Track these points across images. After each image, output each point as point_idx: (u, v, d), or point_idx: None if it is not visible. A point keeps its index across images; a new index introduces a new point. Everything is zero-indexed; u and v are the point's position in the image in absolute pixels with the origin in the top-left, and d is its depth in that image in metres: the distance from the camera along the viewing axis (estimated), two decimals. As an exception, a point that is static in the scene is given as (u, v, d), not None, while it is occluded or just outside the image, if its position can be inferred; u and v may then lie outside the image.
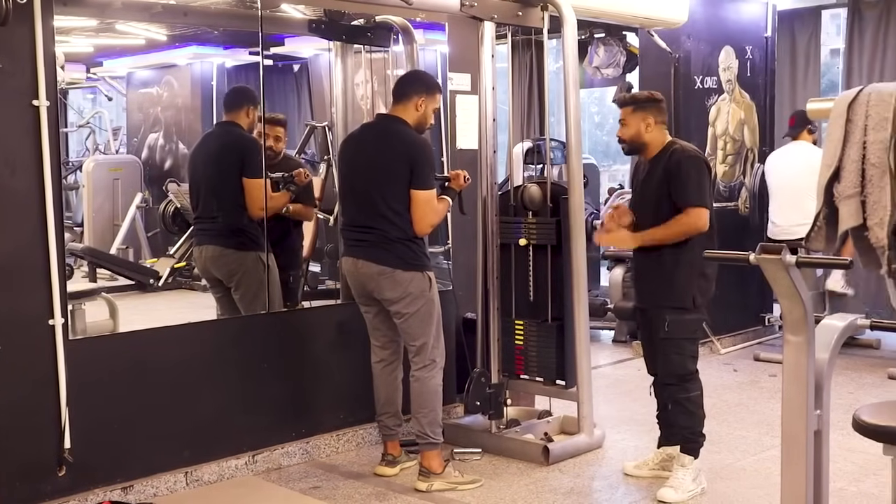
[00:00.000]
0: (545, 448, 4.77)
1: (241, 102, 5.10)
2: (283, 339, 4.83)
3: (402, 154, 4.29)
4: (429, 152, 4.39)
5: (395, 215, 4.28)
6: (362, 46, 5.44)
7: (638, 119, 4.35)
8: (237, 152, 4.95)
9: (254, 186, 4.83)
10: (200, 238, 5.06)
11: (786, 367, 2.68)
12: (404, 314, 4.38)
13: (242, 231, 4.94)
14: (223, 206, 4.97)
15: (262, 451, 4.70)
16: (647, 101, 4.40)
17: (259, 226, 4.92)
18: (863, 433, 2.84)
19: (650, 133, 4.34)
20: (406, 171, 4.26)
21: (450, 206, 4.57)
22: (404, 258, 4.32)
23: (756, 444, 5.06)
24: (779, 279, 2.60)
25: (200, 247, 5.04)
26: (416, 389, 4.46)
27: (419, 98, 4.37)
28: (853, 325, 2.81)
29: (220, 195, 4.97)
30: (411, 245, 4.33)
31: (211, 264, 4.99)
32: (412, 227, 4.30)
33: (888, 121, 2.27)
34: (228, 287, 4.94)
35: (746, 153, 7.60)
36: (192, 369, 4.48)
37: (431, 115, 4.44)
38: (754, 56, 7.60)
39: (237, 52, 6.11)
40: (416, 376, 4.46)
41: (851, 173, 2.34)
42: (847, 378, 6.34)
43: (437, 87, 4.50)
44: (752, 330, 7.65)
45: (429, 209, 4.31)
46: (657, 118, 4.36)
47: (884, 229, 2.27)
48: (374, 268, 4.34)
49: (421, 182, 4.28)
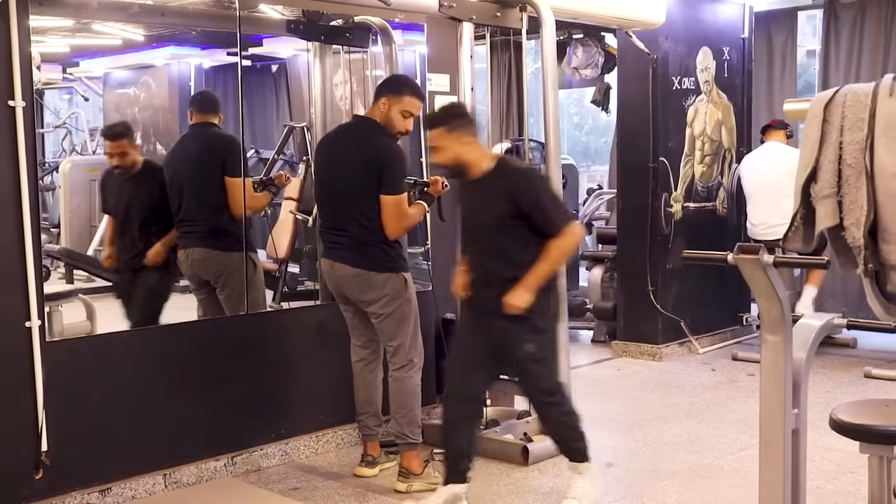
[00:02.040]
0: (524, 448, 4.77)
1: (213, 104, 5.11)
2: (263, 340, 4.81)
3: (371, 158, 4.27)
4: (398, 157, 4.36)
5: (366, 219, 4.28)
6: (341, 47, 5.43)
7: (453, 140, 3.95)
8: (219, 152, 4.93)
9: (237, 185, 4.82)
10: (186, 241, 5.03)
11: (763, 367, 2.70)
12: (380, 315, 4.39)
13: (228, 231, 4.93)
14: (208, 208, 4.95)
15: (242, 453, 4.68)
16: (459, 117, 4.03)
17: (241, 225, 4.91)
18: (840, 432, 2.86)
19: (470, 153, 3.96)
20: (375, 176, 4.24)
21: (426, 211, 4.56)
22: (378, 260, 4.32)
23: (734, 443, 5.09)
24: (756, 279, 2.61)
25: (186, 250, 5.01)
26: (394, 389, 4.46)
27: (383, 99, 4.34)
28: (830, 324, 2.83)
29: (204, 196, 4.94)
30: (385, 247, 4.33)
31: (199, 267, 4.96)
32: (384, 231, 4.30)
33: (864, 121, 2.28)
34: (214, 288, 4.92)
35: (724, 154, 7.64)
36: (170, 371, 4.46)
37: (398, 118, 4.33)
38: (731, 57, 7.64)
39: (215, 53, 6.09)
40: (394, 376, 4.46)
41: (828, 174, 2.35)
42: (824, 377, 6.39)
43: (407, 89, 4.39)
44: (731, 329, 7.69)
45: (398, 214, 4.29)
46: (472, 133, 4.00)
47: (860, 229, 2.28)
48: (350, 270, 4.35)
49: (390, 187, 4.26)
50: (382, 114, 4.33)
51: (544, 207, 3.88)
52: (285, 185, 5.09)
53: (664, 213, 7.07)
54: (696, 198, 7.37)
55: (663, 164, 7.05)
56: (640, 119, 7.05)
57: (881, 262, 2.29)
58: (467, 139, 3.95)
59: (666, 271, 7.10)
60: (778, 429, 2.68)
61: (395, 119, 4.33)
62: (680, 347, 7.26)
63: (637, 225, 7.10)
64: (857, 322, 2.92)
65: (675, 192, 7.16)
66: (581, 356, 7.24)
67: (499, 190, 3.90)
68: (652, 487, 4.47)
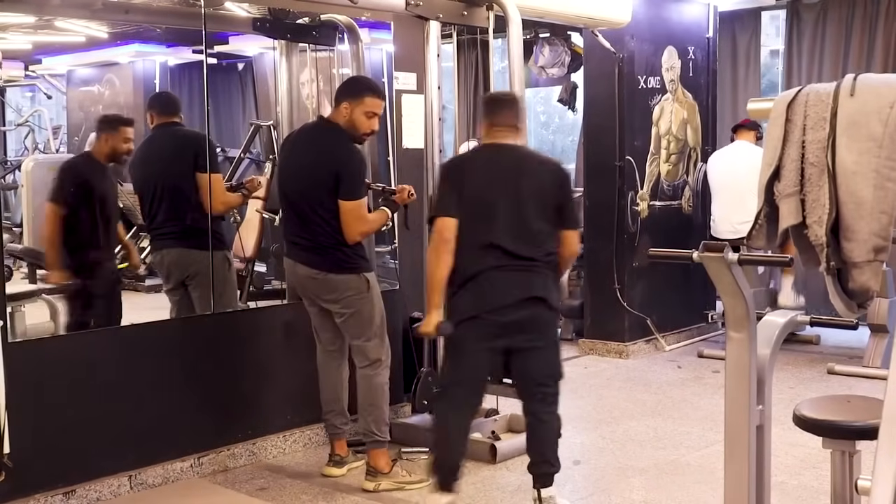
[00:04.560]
0: (492, 446, 4.78)
1: (174, 104, 5.08)
2: (229, 340, 4.79)
3: (329, 163, 4.26)
4: (356, 162, 4.33)
5: (324, 222, 4.27)
6: (307, 45, 5.40)
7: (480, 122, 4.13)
8: (190, 149, 4.88)
9: (212, 182, 4.78)
10: (160, 242, 4.98)
11: (728, 364, 2.72)
12: (343, 314, 4.40)
13: (203, 229, 4.88)
14: (182, 207, 4.90)
15: (208, 453, 4.65)
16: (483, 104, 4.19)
17: (218, 222, 4.89)
18: (803, 427, 2.89)
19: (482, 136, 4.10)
20: (332, 181, 4.23)
21: (388, 218, 4.54)
22: (337, 262, 4.32)
23: (700, 439, 5.13)
24: (721, 276, 2.63)
25: (161, 251, 4.97)
26: (361, 387, 4.46)
27: (344, 104, 4.32)
28: (794, 321, 2.85)
29: (178, 195, 4.89)
30: (344, 249, 4.32)
31: (175, 267, 4.92)
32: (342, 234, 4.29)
33: (826, 120, 2.31)
34: (188, 287, 4.88)
35: (689, 152, 7.70)
36: (135, 371, 4.42)
37: (361, 120, 4.31)
38: (696, 56, 7.70)
39: (180, 51, 6.04)
40: (361, 374, 4.46)
41: (791, 172, 2.37)
42: (788, 373, 6.46)
43: (366, 90, 4.35)
44: (696, 327, 7.76)
45: (355, 219, 4.26)
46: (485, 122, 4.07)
47: (822, 227, 2.30)
48: (309, 271, 4.36)
49: (347, 192, 4.24)
50: (345, 118, 4.32)
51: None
52: (257, 190, 5.07)
53: (630, 211, 7.11)
54: (661, 196, 7.42)
55: (629, 162, 7.10)
56: (607, 118, 7.09)
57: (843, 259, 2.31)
58: (484, 124, 4.06)
59: (632, 269, 7.14)
60: (743, 425, 2.70)
61: (358, 122, 4.31)
62: (646, 345, 7.31)
63: (603, 223, 7.14)
64: (820, 319, 2.96)
65: (641, 191, 7.21)
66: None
67: None
68: (619, 484, 4.50)
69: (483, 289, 3.82)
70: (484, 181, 3.90)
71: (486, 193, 3.87)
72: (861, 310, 2.43)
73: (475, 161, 4.12)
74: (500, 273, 3.81)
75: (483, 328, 3.83)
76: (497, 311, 3.81)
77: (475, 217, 3.85)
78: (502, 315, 3.81)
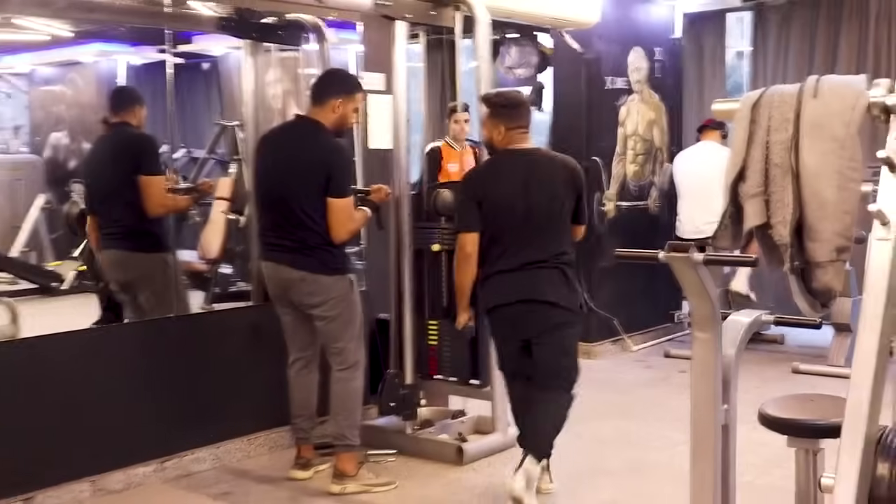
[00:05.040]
0: (459, 448, 4.78)
1: (129, 102, 5.01)
2: (193, 343, 4.75)
3: (319, 161, 4.24)
4: (346, 159, 4.37)
5: (312, 222, 4.23)
6: (273, 45, 5.37)
7: (490, 125, 4.20)
8: (133, 150, 4.84)
9: (152, 183, 4.74)
10: (104, 243, 4.95)
11: (694, 364, 2.73)
12: (326, 318, 4.35)
13: (144, 232, 4.84)
14: (122, 208, 4.85)
15: (172, 458, 4.61)
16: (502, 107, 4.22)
17: (161, 225, 4.84)
18: (768, 426, 2.91)
19: (499, 140, 4.19)
20: (322, 179, 4.21)
21: (368, 218, 4.54)
22: (325, 262, 4.29)
23: (667, 439, 5.15)
24: (687, 277, 2.64)
25: (102, 251, 4.92)
26: (336, 391, 4.42)
27: (336, 100, 4.31)
28: (759, 320, 2.87)
29: (118, 196, 4.84)
30: (332, 249, 4.30)
31: (114, 269, 4.88)
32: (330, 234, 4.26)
33: (790, 121, 2.32)
34: (134, 290, 4.84)
35: (656, 153, 7.74)
36: (97, 375, 4.37)
37: (351, 116, 4.38)
38: (663, 57, 7.74)
39: (144, 50, 5.99)
40: (337, 377, 4.42)
41: (756, 173, 2.38)
42: (753, 373, 6.49)
43: (357, 86, 4.45)
44: (663, 327, 7.79)
45: (345, 217, 4.27)
46: (509, 125, 4.17)
47: (786, 227, 2.31)
48: (296, 273, 4.30)
49: (337, 190, 4.23)
50: (337, 115, 4.31)
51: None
52: (209, 193, 5.04)
53: (597, 211, 7.13)
54: (628, 197, 7.45)
55: (596, 163, 7.12)
56: (574, 118, 7.12)
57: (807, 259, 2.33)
58: (501, 128, 4.15)
59: (599, 270, 7.16)
60: (708, 424, 2.71)
61: (349, 117, 4.36)
62: (613, 345, 7.34)
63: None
64: (785, 319, 2.98)
65: (607, 191, 7.23)
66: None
67: None
68: (587, 485, 4.51)
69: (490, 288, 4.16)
70: (509, 190, 4.08)
71: (512, 201, 4.07)
72: (824, 309, 2.44)
73: (500, 169, 4.18)
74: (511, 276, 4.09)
75: (495, 322, 4.22)
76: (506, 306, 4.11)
77: (499, 225, 4.09)
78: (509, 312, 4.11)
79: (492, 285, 4.15)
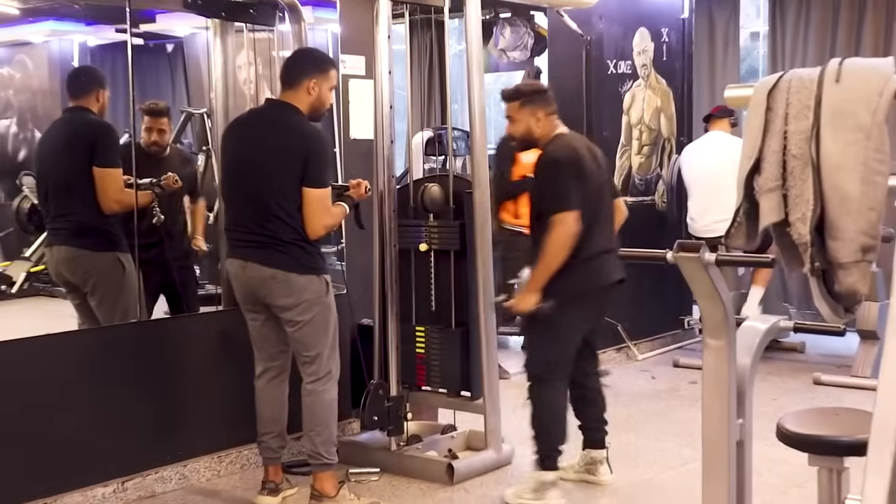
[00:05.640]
0: (449, 466, 4.78)
1: (88, 85, 4.97)
2: (157, 351, 4.74)
3: (295, 148, 4.23)
4: (324, 146, 4.36)
5: (286, 215, 4.22)
6: (244, 25, 5.36)
7: (526, 114, 4.49)
8: (87, 139, 4.82)
9: (106, 176, 4.72)
10: (51, 238, 4.93)
11: (705, 374, 2.74)
12: (298, 322, 4.33)
13: (97, 229, 4.82)
14: (74, 201, 4.82)
15: (133, 477, 4.60)
16: (534, 93, 4.56)
17: (117, 222, 4.83)
18: (787, 443, 2.92)
19: (540, 127, 4.48)
20: (298, 167, 4.20)
21: (346, 214, 4.54)
22: (299, 260, 4.27)
23: (676, 456, 5.17)
24: (697, 279, 2.65)
25: (51, 248, 4.91)
26: (308, 405, 4.41)
27: (310, 80, 4.31)
28: (776, 327, 2.88)
29: (70, 188, 4.82)
30: (306, 246, 4.28)
31: (63, 267, 4.85)
32: (305, 228, 4.26)
33: (810, 109, 2.32)
34: (85, 293, 4.82)
35: (663, 143, 7.76)
36: (51, 386, 4.36)
37: (328, 96, 4.39)
38: (671, 39, 7.76)
39: (102, 29, 5.95)
40: (308, 390, 4.40)
41: (772, 165, 2.38)
42: (770, 384, 6.52)
43: (330, 62, 4.47)
44: (671, 334, 7.81)
45: (322, 209, 4.26)
46: (547, 111, 4.51)
47: (806, 225, 2.31)
48: (266, 271, 4.28)
49: (314, 179, 4.23)
50: (312, 97, 4.31)
51: (546, 189, 4.40)
52: (173, 188, 5.03)
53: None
54: (633, 191, 7.47)
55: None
56: (573, 106, 7.10)
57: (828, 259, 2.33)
58: (538, 115, 4.48)
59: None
60: (722, 440, 2.72)
61: (325, 98, 4.38)
62: (617, 353, 7.35)
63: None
64: (805, 325, 2.99)
65: (611, 186, 7.23)
66: (511, 364, 7.26)
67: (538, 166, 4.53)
68: (588, 506, 4.52)
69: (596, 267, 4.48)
70: (595, 170, 4.49)
71: (599, 182, 4.51)
72: (848, 314, 2.45)
73: (581, 151, 4.49)
74: (609, 256, 4.46)
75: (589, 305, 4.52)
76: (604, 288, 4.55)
77: (594, 205, 4.42)
78: (606, 293, 4.59)
79: (597, 265, 4.45)
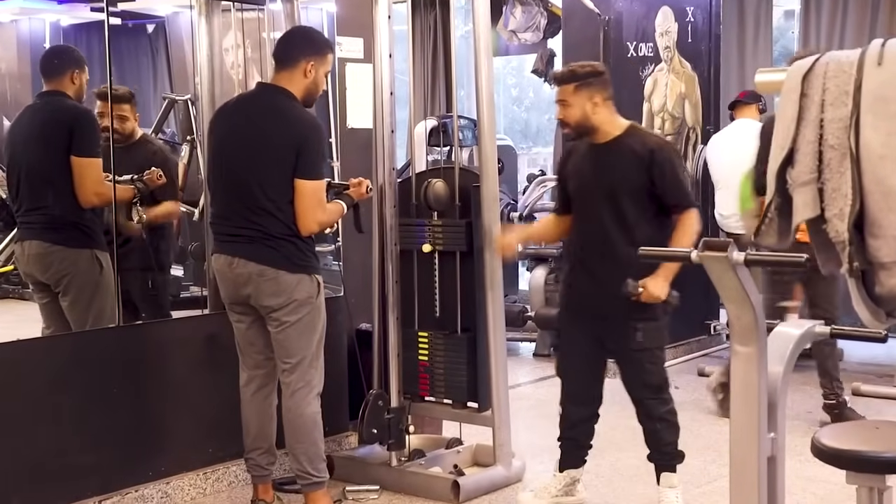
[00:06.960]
0: (455, 483, 4.78)
1: (63, 66, 4.97)
2: (138, 358, 4.75)
3: (288, 136, 4.24)
4: (320, 135, 4.37)
5: (276, 209, 4.23)
6: (231, 4, 5.36)
7: (583, 98, 4.39)
8: (65, 126, 4.82)
9: (86, 167, 4.72)
10: (22, 233, 4.93)
11: (734, 384, 2.73)
12: (284, 323, 4.33)
13: (73, 224, 4.83)
14: (48, 194, 4.83)
15: (112, 496, 4.60)
16: (590, 75, 4.47)
17: (95, 217, 4.83)
18: (823, 459, 2.91)
19: (598, 114, 4.41)
20: (291, 157, 4.21)
21: (342, 214, 4.54)
22: (290, 257, 4.28)
23: (702, 473, 5.16)
24: (725, 280, 2.64)
25: (22, 243, 4.91)
26: (290, 422, 4.40)
27: (308, 62, 4.31)
28: (811, 332, 2.87)
29: (45, 179, 4.82)
30: (298, 242, 4.29)
31: (35, 264, 4.86)
32: (297, 223, 4.26)
33: (849, 95, 2.31)
34: (56, 292, 4.82)
35: (688, 133, 7.75)
36: (21, 397, 4.36)
37: (323, 82, 4.41)
38: (696, 19, 7.75)
39: (76, 8, 5.96)
40: (288, 405, 4.39)
41: (807, 156, 2.37)
42: (805, 395, 6.50)
43: (328, 45, 4.49)
44: (696, 340, 7.81)
45: (315, 203, 4.26)
46: (604, 95, 4.45)
47: (844, 221, 2.30)
48: (254, 267, 4.28)
49: (308, 171, 4.23)
50: (308, 80, 4.33)
51: (677, 184, 4.39)
52: (157, 185, 5.04)
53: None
54: (655, 185, 7.45)
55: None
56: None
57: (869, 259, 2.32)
58: (596, 100, 4.41)
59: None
60: (751, 456, 2.71)
61: (320, 83, 4.40)
62: (638, 361, 7.32)
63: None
64: (843, 331, 2.98)
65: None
66: (522, 373, 7.28)
67: (630, 157, 4.36)
68: (605, 528, 4.51)
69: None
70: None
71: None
72: (891, 319, 2.45)
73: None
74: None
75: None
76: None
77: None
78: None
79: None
